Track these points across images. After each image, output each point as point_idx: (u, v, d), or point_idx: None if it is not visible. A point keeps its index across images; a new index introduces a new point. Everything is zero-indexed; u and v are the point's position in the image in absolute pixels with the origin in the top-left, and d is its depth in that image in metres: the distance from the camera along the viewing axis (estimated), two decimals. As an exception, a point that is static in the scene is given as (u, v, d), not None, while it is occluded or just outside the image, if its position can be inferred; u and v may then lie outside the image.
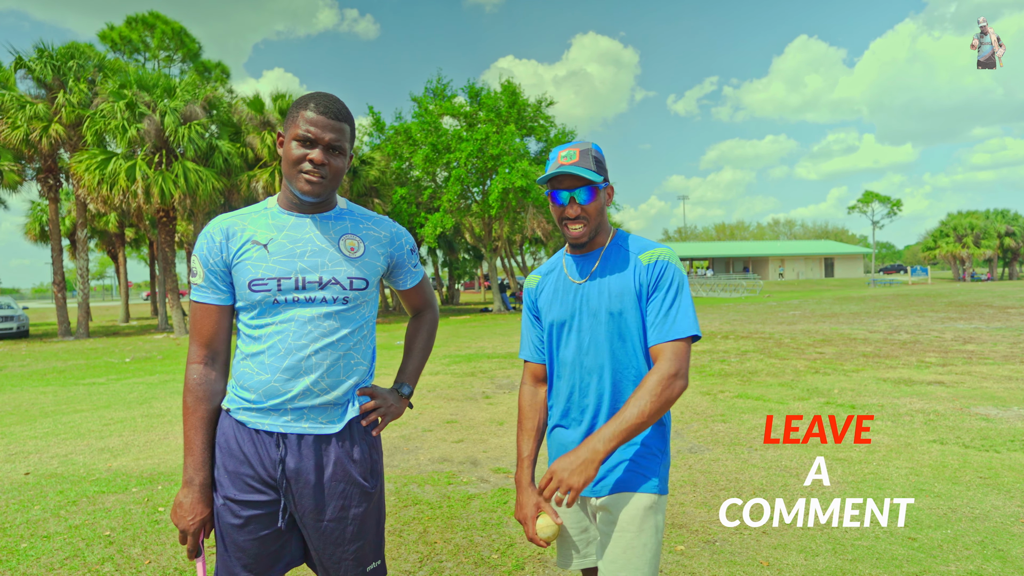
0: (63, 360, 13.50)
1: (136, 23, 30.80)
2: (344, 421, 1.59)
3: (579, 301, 1.68)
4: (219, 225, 1.58)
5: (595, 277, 1.68)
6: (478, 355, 11.83)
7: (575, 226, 1.65)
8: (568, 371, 1.69)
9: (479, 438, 5.50)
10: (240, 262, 1.55)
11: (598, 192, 1.65)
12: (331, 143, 1.51)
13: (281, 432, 1.54)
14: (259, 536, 1.54)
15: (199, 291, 1.58)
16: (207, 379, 1.58)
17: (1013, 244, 59.65)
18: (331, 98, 1.53)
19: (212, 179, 19.14)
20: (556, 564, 1.78)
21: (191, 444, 1.55)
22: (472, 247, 38.43)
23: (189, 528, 1.53)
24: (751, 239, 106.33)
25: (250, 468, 1.54)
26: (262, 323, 1.55)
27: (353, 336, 1.60)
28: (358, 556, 1.61)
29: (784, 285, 52.91)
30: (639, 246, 1.69)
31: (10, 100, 18.50)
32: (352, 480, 1.58)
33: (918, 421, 5.60)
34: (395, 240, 1.70)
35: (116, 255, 32.91)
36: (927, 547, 3.07)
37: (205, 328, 1.58)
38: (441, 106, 26.04)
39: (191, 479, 1.54)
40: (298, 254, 1.55)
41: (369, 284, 1.62)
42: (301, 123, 1.49)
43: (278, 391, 1.53)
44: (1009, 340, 11.24)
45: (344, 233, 1.61)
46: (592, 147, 1.66)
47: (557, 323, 1.72)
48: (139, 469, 4.82)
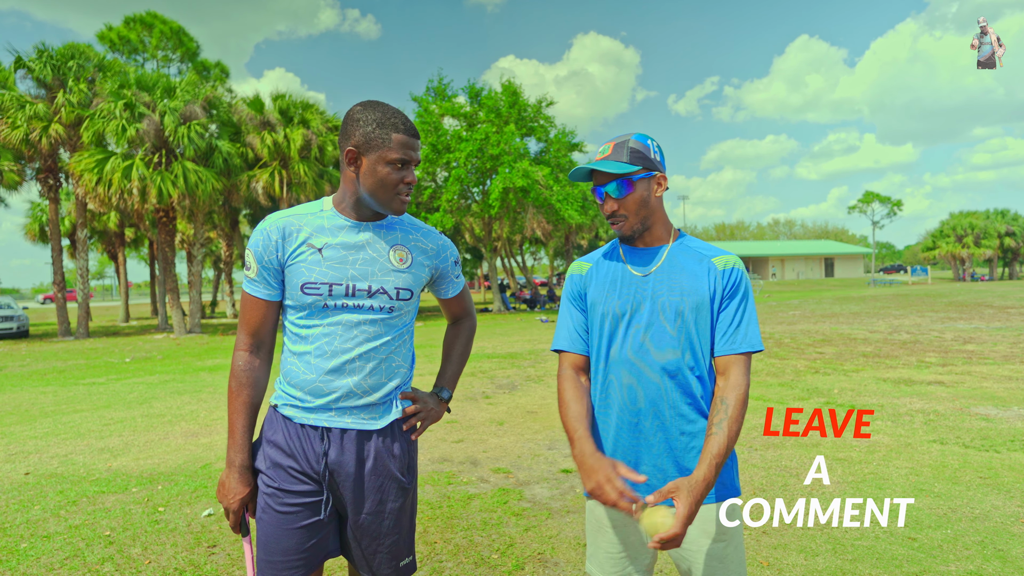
0: (63, 360, 13.50)
1: (134, 23, 30.75)
2: (386, 420, 1.65)
3: (644, 294, 1.58)
4: (276, 223, 1.61)
5: (663, 272, 1.59)
6: (478, 355, 11.83)
7: (616, 222, 1.59)
8: (619, 365, 1.58)
9: (479, 438, 5.50)
10: (295, 263, 1.59)
11: (635, 184, 1.56)
12: (416, 161, 1.58)
13: (325, 427, 1.60)
14: (302, 526, 1.59)
15: (252, 284, 1.64)
16: (251, 366, 1.64)
17: (1013, 244, 59.62)
18: (403, 115, 1.58)
19: (212, 179, 19.13)
20: (589, 570, 1.68)
21: (233, 427, 1.62)
22: (472, 247, 38.39)
23: (232, 506, 1.60)
24: (751, 239, 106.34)
25: (294, 461, 1.60)
26: (310, 324, 1.61)
27: (395, 341, 1.66)
28: (393, 550, 1.67)
29: (784, 285, 52.91)
30: (708, 249, 1.63)
31: (10, 100, 18.50)
32: (390, 475, 1.64)
33: (918, 421, 5.60)
34: (441, 252, 1.75)
35: (116, 255, 32.88)
36: (927, 547, 3.07)
37: (253, 319, 1.64)
38: (441, 106, 26.02)
39: (232, 460, 1.61)
40: (350, 261, 1.60)
41: (414, 295, 1.68)
42: (396, 146, 1.54)
43: (322, 391, 1.59)
44: (1009, 340, 11.24)
45: (395, 244, 1.66)
46: (632, 138, 1.58)
47: (613, 315, 1.60)
48: (139, 469, 4.82)
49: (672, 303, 1.55)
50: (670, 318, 1.55)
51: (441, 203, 25.23)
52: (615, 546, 1.62)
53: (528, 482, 4.24)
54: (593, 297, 1.65)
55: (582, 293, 1.69)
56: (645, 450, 1.57)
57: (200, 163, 19.68)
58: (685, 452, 1.56)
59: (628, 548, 1.61)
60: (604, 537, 1.63)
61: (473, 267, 48.69)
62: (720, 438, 1.47)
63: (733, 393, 1.51)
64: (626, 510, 1.38)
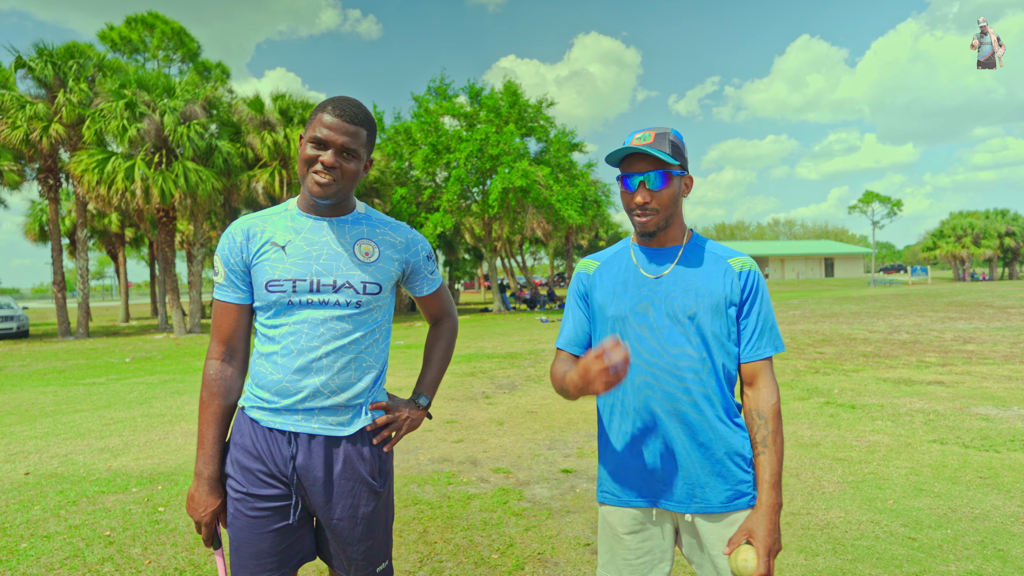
0: (63, 360, 13.50)
1: (136, 23, 30.78)
2: (355, 427, 1.61)
3: (655, 297, 1.54)
4: (240, 226, 1.61)
5: (676, 274, 1.55)
6: (478, 355, 11.83)
7: (644, 215, 1.52)
8: (633, 369, 1.53)
9: (479, 438, 5.49)
10: (259, 263, 1.58)
11: (672, 179, 1.51)
12: (344, 146, 1.52)
13: (292, 431, 1.57)
14: (272, 530, 1.57)
15: (220, 290, 1.62)
16: (223, 375, 1.61)
17: (1013, 244, 59.61)
18: (351, 102, 1.55)
19: (212, 179, 19.14)
20: (602, 572, 1.65)
21: (203, 438, 1.59)
22: (472, 247, 38.40)
23: (202, 519, 1.57)
24: (751, 239, 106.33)
25: (262, 464, 1.57)
26: (277, 323, 1.58)
27: (365, 339, 1.62)
28: (368, 556, 1.64)
29: (784, 285, 52.90)
30: (723, 250, 1.59)
31: (10, 100, 18.50)
32: (361, 479, 1.60)
33: (918, 421, 5.59)
34: (411, 246, 1.71)
35: (116, 255, 32.90)
36: (927, 547, 3.07)
37: (224, 325, 1.62)
38: (441, 106, 26.03)
39: (201, 472, 1.57)
40: (314, 256, 1.58)
41: (383, 289, 1.63)
42: (318, 125, 1.51)
43: (289, 391, 1.56)
44: (1009, 340, 11.24)
45: (360, 238, 1.63)
46: (671, 132, 1.53)
47: (622, 317, 1.56)
48: (139, 469, 4.82)
49: (686, 305, 1.52)
50: (684, 320, 1.51)
51: (441, 203, 25.23)
52: (632, 552, 1.59)
53: (528, 482, 4.24)
54: (601, 298, 1.61)
55: (587, 293, 1.66)
56: (667, 456, 1.53)
57: (200, 163, 19.70)
58: (709, 456, 1.51)
59: (647, 554, 1.59)
60: (621, 545, 1.60)
61: (473, 267, 48.69)
62: (770, 457, 1.49)
63: (767, 404, 1.52)
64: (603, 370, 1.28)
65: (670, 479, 1.53)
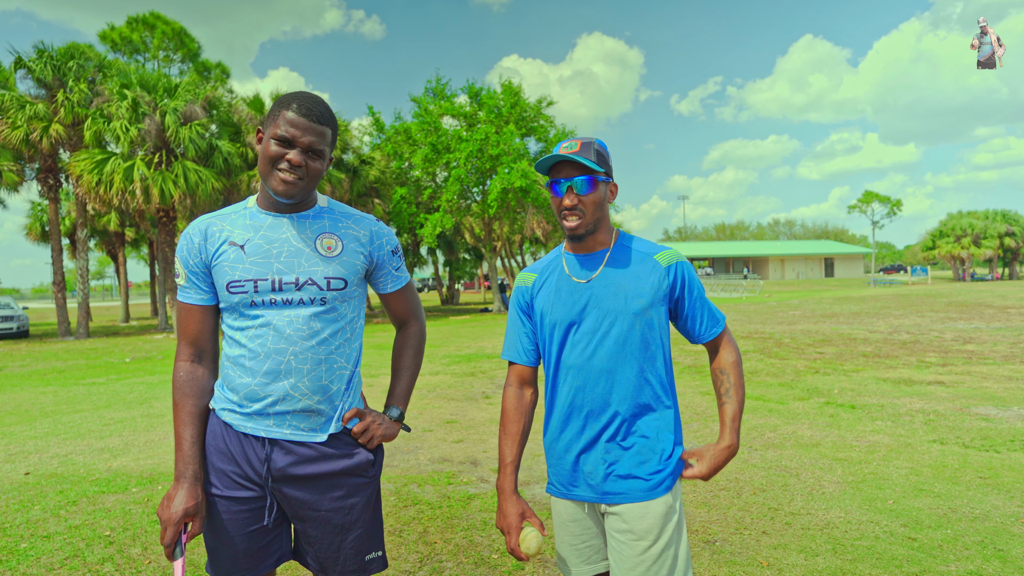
0: (63, 360, 13.50)
1: (136, 23, 30.80)
2: (326, 436, 1.58)
3: (587, 301, 1.61)
4: (198, 226, 1.58)
5: (604, 277, 1.62)
6: (478, 355, 11.83)
7: (572, 217, 1.60)
8: (573, 374, 1.62)
9: (479, 438, 5.50)
10: (218, 263, 1.55)
11: (598, 184, 1.60)
12: (310, 146, 1.49)
13: (264, 436, 1.55)
14: (247, 532, 1.56)
15: (183, 291, 1.60)
16: (193, 376, 1.59)
17: (1013, 244, 59.58)
18: (314, 99, 1.50)
19: (212, 179, 19.13)
20: (558, 567, 1.75)
21: (180, 439, 1.55)
22: (472, 247, 38.40)
23: (173, 518, 1.47)
24: (751, 239, 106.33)
25: (236, 466, 1.55)
26: (242, 325, 1.55)
27: (335, 339, 1.58)
28: (357, 545, 1.62)
29: (784, 285, 52.90)
30: (648, 247, 1.66)
31: (10, 100, 18.51)
32: (344, 470, 1.59)
33: (918, 421, 5.59)
34: (375, 239, 1.65)
35: (116, 255, 32.90)
36: (927, 547, 3.07)
37: (190, 327, 1.60)
38: (441, 106, 26.03)
39: (183, 472, 1.53)
40: (274, 255, 1.54)
41: (348, 284, 1.58)
42: (281, 123, 1.47)
43: (258, 395, 1.53)
44: (1009, 340, 11.24)
45: (321, 232, 1.58)
46: (596, 142, 1.62)
47: (562, 324, 1.64)
48: (139, 469, 4.82)
49: (619, 306, 1.59)
50: (617, 322, 1.59)
51: (441, 203, 25.23)
52: (576, 537, 1.68)
53: (528, 482, 4.24)
54: (541, 307, 1.69)
55: (528, 304, 1.74)
56: (597, 452, 1.61)
57: (200, 163, 19.69)
58: (640, 454, 1.59)
59: (587, 539, 1.69)
60: (566, 530, 1.70)
61: (473, 267, 48.69)
62: (731, 404, 1.64)
63: (728, 363, 1.68)
64: (519, 557, 1.61)
65: (605, 473, 1.61)
